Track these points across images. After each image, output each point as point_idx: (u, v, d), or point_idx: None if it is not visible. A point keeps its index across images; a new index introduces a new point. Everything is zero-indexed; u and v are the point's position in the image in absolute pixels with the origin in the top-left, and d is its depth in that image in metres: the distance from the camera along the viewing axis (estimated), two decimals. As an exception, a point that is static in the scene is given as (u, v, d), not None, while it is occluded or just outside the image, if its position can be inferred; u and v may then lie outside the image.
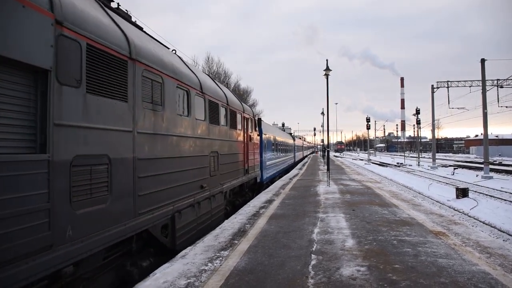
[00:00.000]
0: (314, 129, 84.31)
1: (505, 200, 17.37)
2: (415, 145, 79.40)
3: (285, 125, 70.89)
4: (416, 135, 59.23)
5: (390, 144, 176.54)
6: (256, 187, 16.48)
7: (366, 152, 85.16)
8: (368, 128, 56.42)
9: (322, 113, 38.59)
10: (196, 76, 8.23)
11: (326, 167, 19.33)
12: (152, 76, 5.87)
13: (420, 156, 55.39)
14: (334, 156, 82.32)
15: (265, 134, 19.34)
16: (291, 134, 51.01)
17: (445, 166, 45.04)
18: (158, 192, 5.95)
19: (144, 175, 5.48)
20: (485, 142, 31.92)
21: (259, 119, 16.92)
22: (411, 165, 48.15)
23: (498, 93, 36.47)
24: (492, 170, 33.29)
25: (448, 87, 41.67)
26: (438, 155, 70.64)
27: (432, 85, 43.28)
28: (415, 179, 29.33)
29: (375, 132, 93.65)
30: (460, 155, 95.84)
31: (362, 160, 65.17)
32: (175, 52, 8.44)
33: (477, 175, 30.45)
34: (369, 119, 54.88)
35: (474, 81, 39.68)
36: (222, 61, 52.59)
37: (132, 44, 5.21)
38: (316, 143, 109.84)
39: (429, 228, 7.79)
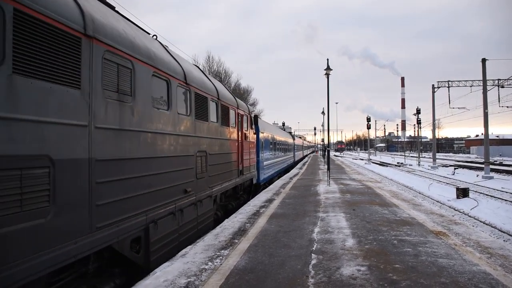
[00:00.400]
0: (315, 129, 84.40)
1: (506, 200, 17.35)
2: (416, 145, 79.41)
3: (285, 125, 70.86)
4: (417, 135, 59.21)
5: (391, 144, 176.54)
6: (253, 189, 15.72)
7: (367, 152, 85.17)
8: (369, 128, 56.41)
9: (323, 113, 38.58)
10: (180, 65, 7.23)
11: (327, 167, 19.32)
12: (119, 60, 4.90)
13: (421, 156, 55.35)
14: (335, 156, 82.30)
15: (262, 133, 18.62)
16: (291, 133, 50.64)
17: (446, 166, 45.02)
18: (126, 200, 4.99)
19: (105, 180, 4.51)
20: (486, 142, 31.88)
21: (256, 116, 15.73)
22: (412, 165, 48.12)
23: (499, 93, 36.42)
24: (493, 170, 33.29)
25: (449, 87, 41.64)
26: (439, 155, 70.61)
27: (433, 85, 43.26)
28: (416, 179, 29.31)
29: (376, 132, 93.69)
30: (461, 155, 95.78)
31: (363, 160, 65.15)
32: (156, 38, 7.40)
33: (478, 175, 30.44)
34: (370, 119, 54.87)
35: (475, 81, 39.66)
36: (223, 61, 52.45)
37: (89, 18, 4.25)
38: (317, 143, 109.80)
39: (430, 228, 7.78)
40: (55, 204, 3.69)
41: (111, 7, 5.69)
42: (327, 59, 18.17)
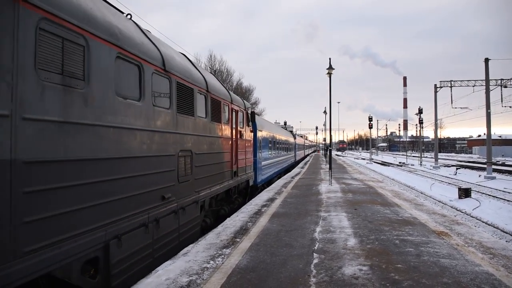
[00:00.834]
0: (316, 128, 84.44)
1: (508, 201, 17.30)
2: (418, 145, 79.23)
3: (287, 124, 70.82)
4: (419, 135, 59.09)
5: (392, 144, 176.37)
6: (249, 192, 14.58)
7: (368, 151, 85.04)
8: (370, 127, 56.34)
9: (325, 112, 38.56)
10: (158, 49, 6.16)
11: (328, 166, 19.30)
12: (65, 33, 3.83)
13: (423, 156, 55.25)
14: (336, 155, 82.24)
15: (260, 131, 17.52)
16: (292, 132, 50.13)
17: (448, 166, 44.93)
18: (74, 213, 3.94)
19: (39, 188, 3.47)
20: (488, 142, 31.78)
21: (253, 113, 14.47)
22: (413, 165, 48.04)
23: (502, 93, 36.29)
24: (495, 171, 33.21)
25: (451, 87, 41.51)
26: (441, 155, 70.47)
27: (435, 85, 43.16)
28: (417, 179, 29.27)
29: (377, 132, 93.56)
30: (463, 155, 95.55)
31: (364, 159, 65.07)
32: (131, 18, 6.20)
33: (480, 175, 30.37)
34: (372, 118, 54.81)
35: (478, 81, 39.51)
36: (225, 59, 52.47)
37: None
38: (318, 142, 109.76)
39: (432, 228, 7.76)
40: None
41: None
42: (329, 59, 18.16)
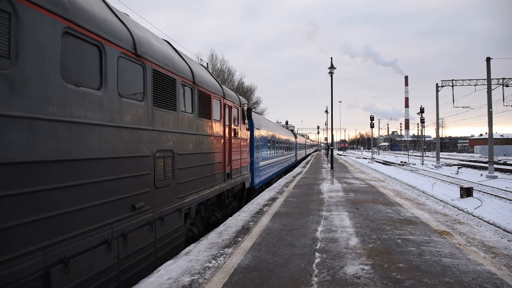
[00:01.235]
0: (318, 127, 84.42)
1: (510, 200, 17.27)
2: (419, 144, 79.10)
3: (288, 123, 70.82)
4: (420, 134, 58.99)
5: (394, 143, 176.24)
6: (245, 194, 13.50)
7: (370, 151, 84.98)
8: (372, 127, 56.27)
9: (326, 111, 38.53)
10: (127, 29, 5.17)
11: (330, 166, 19.29)
12: None
13: (424, 155, 55.18)
14: (338, 155, 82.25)
15: (258, 129, 16.53)
16: (293, 131, 49.59)
17: (449, 165, 44.87)
18: None
19: None
20: (490, 141, 31.72)
21: (249, 109, 13.37)
22: (415, 164, 47.99)
23: (504, 92, 36.25)
24: (497, 170, 33.14)
25: (453, 86, 41.47)
26: (442, 154, 70.34)
27: (437, 84, 43.11)
28: (419, 178, 29.24)
29: (379, 131, 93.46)
30: (465, 154, 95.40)
31: (366, 159, 65.03)
32: None
33: (482, 175, 30.33)
34: (373, 118, 54.75)
35: (479, 80, 39.47)
36: (226, 59, 52.45)
37: None
38: (320, 141, 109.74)
39: (434, 227, 7.75)
40: None
41: None
42: (331, 58, 18.16)
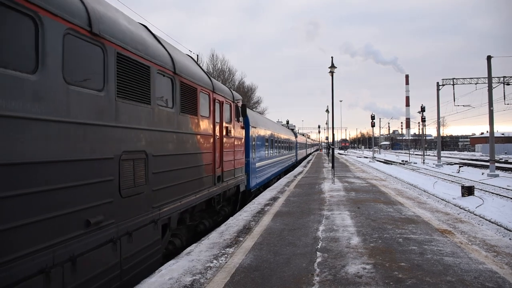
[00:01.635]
0: (319, 127, 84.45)
1: (511, 198, 17.25)
2: (420, 143, 79.07)
3: (289, 123, 70.84)
4: (421, 133, 58.96)
5: (395, 142, 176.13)
6: (240, 198, 12.41)
7: (371, 150, 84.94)
8: (373, 126, 56.22)
9: (327, 111, 38.50)
10: (80, 0, 4.19)
11: (331, 165, 19.29)
12: None
13: (425, 154, 55.12)
14: (339, 154, 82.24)
15: (255, 127, 15.50)
16: (293, 130, 49.06)
17: (451, 164, 44.82)
18: None
19: None
20: (491, 140, 31.67)
21: (244, 106, 12.23)
22: (416, 163, 47.96)
23: (505, 91, 36.21)
24: (498, 168, 33.04)
25: (454, 84, 41.42)
26: (443, 153, 70.25)
27: (438, 82, 43.03)
28: (420, 177, 29.22)
29: (380, 130, 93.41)
30: (466, 153, 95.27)
31: (367, 158, 64.98)
32: None
33: (483, 173, 30.29)
34: (374, 117, 54.70)
35: (480, 78, 39.36)
36: (227, 59, 52.53)
37: None
38: (321, 141, 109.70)
39: (435, 226, 7.75)
40: None
41: None
42: (332, 57, 18.13)
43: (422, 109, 50.04)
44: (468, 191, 17.78)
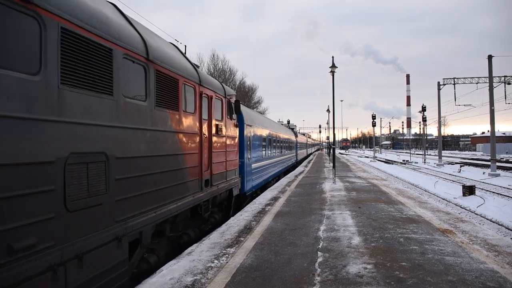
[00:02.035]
0: (320, 127, 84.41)
1: (513, 198, 17.23)
2: (421, 143, 79.01)
3: (290, 122, 70.77)
4: (422, 132, 58.93)
5: (396, 142, 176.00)
6: (234, 203, 11.24)
7: (372, 150, 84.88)
8: (374, 125, 56.17)
9: (328, 110, 38.48)
10: None
11: (332, 165, 19.28)
12: None
13: (426, 154, 55.07)
14: (340, 154, 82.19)
15: (250, 126, 14.39)
16: (293, 130, 48.72)
17: (452, 164, 44.75)
18: None
19: None
20: (492, 139, 31.63)
21: (237, 102, 11.18)
22: (417, 163, 47.91)
23: (506, 90, 36.16)
24: (499, 168, 33.00)
25: (455, 84, 41.35)
26: (444, 153, 70.19)
27: (439, 82, 42.97)
28: (421, 177, 29.19)
29: (381, 129, 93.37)
30: (467, 153, 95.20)
31: (368, 158, 64.96)
32: None
33: (484, 173, 30.25)
34: (375, 116, 54.65)
35: (481, 78, 39.31)
36: (228, 59, 52.60)
37: None
38: (321, 140, 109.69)
39: (436, 226, 7.74)
40: None
41: None
42: (332, 57, 18.13)
43: (423, 109, 49.97)
44: (469, 191, 17.76)
